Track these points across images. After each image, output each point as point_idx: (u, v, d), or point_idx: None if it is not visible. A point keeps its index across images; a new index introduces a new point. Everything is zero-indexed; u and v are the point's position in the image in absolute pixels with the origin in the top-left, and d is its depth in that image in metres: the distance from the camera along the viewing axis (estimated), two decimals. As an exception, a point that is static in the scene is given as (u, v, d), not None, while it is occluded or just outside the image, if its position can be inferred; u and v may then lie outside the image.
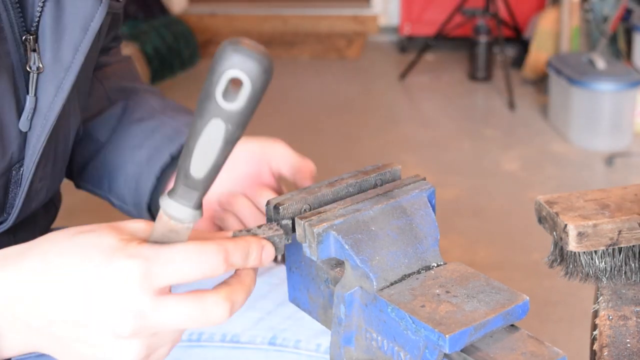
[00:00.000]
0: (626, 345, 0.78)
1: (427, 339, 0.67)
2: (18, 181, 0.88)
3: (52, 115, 0.86)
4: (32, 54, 0.84)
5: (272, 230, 0.73)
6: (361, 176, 0.81)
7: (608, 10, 4.02)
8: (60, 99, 0.86)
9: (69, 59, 0.85)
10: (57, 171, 0.96)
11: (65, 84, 0.86)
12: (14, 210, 0.90)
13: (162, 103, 1.09)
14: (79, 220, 1.16)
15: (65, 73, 0.85)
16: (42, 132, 0.86)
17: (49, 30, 0.84)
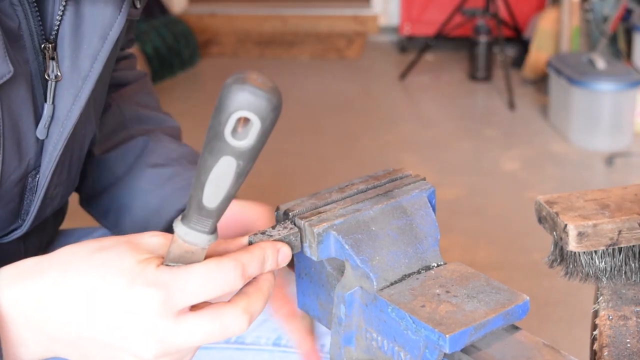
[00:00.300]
0: (626, 345, 0.78)
1: (427, 339, 0.67)
2: (34, 188, 0.89)
3: (70, 123, 0.86)
4: (50, 62, 0.84)
5: (287, 229, 0.73)
6: (372, 181, 0.81)
7: (608, 10, 4.02)
8: (78, 107, 0.86)
9: (87, 68, 0.86)
10: (72, 178, 0.97)
11: (83, 93, 0.86)
12: (29, 217, 0.91)
13: (179, 150, 1.10)
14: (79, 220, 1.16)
15: (83, 82, 0.86)
16: (59, 140, 0.87)
17: (67, 39, 0.85)
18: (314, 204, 0.77)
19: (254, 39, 5.27)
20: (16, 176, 0.86)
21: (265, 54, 5.00)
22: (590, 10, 4.06)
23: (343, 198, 0.78)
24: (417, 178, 0.81)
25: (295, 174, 3.38)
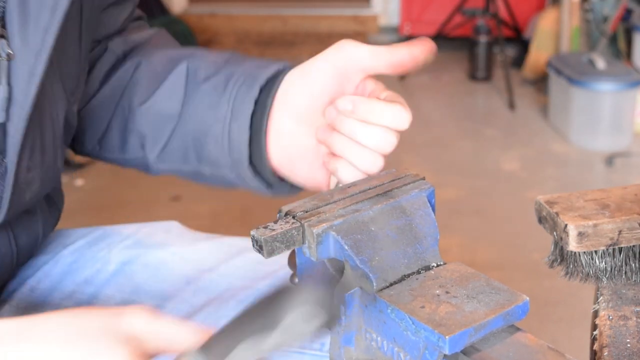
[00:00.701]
0: (626, 345, 0.78)
1: (427, 340, 0.67)
2: (3, 173, 0.86)
3: (28, 102, 0.84)
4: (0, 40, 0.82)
5: (288, 224, 0.73)
6: (374, 182, 0.81)
7: (608, 10, 4.02)
8: (34, 85, 0.83)
9: (38, 43, 0.83)
10: (50, 160, 0.94)
11: (37, 70, 0.83)
12: (3, 204, 0.88)
13: (222, 56, 1.02)
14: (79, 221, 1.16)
15: (36, 58, 0.83)
16: (20, 120, 0.84)
17: (16, 15, 0.82)
18: (315, 205, 0.77)
19: (254, 39, 5.26)
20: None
21: (265, 54, 5.00)
22: (590, 10, 4.05)
23: (344, 199, 0.78)
24: (416, 178, 0.81)
25: (295, 174, 3.38)
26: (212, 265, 1.10)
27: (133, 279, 1.08)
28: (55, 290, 1.07)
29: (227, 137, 0.95)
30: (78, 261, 1.10)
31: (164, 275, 1.09)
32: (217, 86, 0.97)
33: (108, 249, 1.11)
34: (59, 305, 1.06)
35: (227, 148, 0.96)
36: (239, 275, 1.08)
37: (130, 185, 3.31)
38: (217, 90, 0.97)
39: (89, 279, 1.08)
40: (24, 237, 1.00)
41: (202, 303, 1.06)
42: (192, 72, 1.01)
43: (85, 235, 1.15)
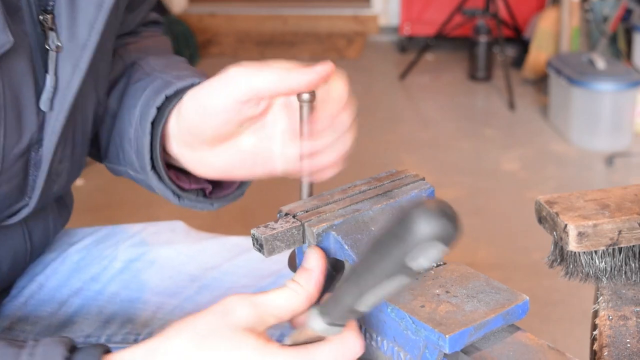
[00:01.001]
0: (626, 345, 0.78)
1: (427, 339, 0.67)
2: (38, 163, 0.88)
3: (71, 93, 0.86)
4: (50, 33, 0.85)
5: (289, 223, 0.74)
6: (374, 183, 0.81)
7: (608, 10, 4.02)
8: (78, 77, 0.86)
9: (85, 37, 0.86)
10: (77, 155, 0.96)
11: (82, 63, 0.86)
12: (35, 193, 0.90)
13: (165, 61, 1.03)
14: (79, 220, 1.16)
15: (81, 51, 0.86)
16: (61, 111, 0.87)
17: (64, 9, 0.85)
18: (315, 205, 0.77)
19: (254, 39, 5.26)
20: (18, 150, 0.85)
21: (265, 54, 4.99)
22: (590, 10, 4.05)
23: (344, 199, 0.78)
24: (416, 178, 0.81)
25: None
26: (216, 263, 1.11)
27: (139, 276, 1.09)
28: (63, 286, 1.09)
29: (135, 142, 0.97)
30: (85, 259, 1.11)
31: (169, 273, 1.10)
32: (139, 89, 0.99)
33: (114, 247, 1.12)
34: (67, 301, 1.07)
35: (136, 151, 0.97)
36: (243, 273, 1.09)
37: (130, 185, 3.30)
38: (138, 93, 0.98)
39: (96, 276, 1.10)
40: (38, 234, 1.01)
41: (206, 301, 1.06)
42: (133, 73, 1.03)
43: (91, 233, 1.16)
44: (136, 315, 1.07)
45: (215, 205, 0.99)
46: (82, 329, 1.06)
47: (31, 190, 0.90)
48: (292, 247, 0.75)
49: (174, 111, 0.91)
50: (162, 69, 0.99)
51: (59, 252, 1.12)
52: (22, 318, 1.06)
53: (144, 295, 1.08)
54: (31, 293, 1.08)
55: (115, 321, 1.07)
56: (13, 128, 0.83)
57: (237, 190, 1.00)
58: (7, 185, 0.86)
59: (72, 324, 1.06)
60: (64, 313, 1.07)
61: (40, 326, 1.05)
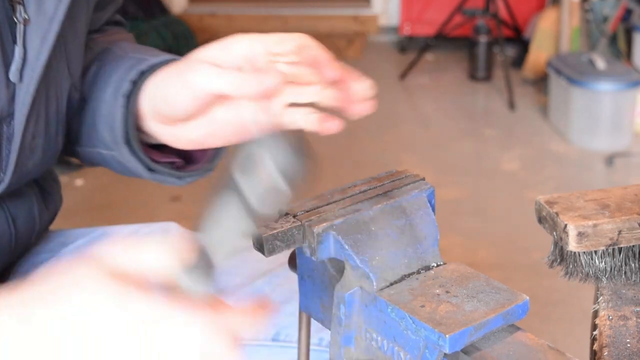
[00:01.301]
0: (626, 345, 0.78)
1: (427, 339, 0.67)
2: (10, 136, 0.89)
3: (39, 65, 0.88)
4: (17, 6, 0.86)
5: (289, 222, 0.74)
6: (374, 183, 0.81)
7: (608, 10, 4.02)
8: (46, 49, 0.88)
9: (52, 10, 0.87)
10: (52, 132, 0.96)
11: (50, 35, 0.87)
12: (9, 168, 0.91)
13: (137, 47, 1.04)
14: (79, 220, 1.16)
15: (49, 24, 0.87)
16: (30, 83, 0.88)
17: None
18: (315, 205, 0.77)
19: (254, 39, 5.25)
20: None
21: (265, 54, 4.99)
22: (590, 10, 4.05)
23: (344, 199, 0.78)
24: (416, 178, 0.81)
25: (295, 174, 3.37)
26: None
27: None
28: None
29: (109, 118, 0.97)
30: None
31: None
32: (113, 68, 0.99)
33: None
34: None
35: (109, 128, 0.97)
36: (238, 273, 1.09)
37: (130, 185, 3.31)
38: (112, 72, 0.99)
39: None
40: (21, 218, 1.01)
41: None
42: (106, 56, 1.03)
43: (84, 234, 1.16)
44: None
45: (183, 180, 1.00)
46: None
47: (5, 165, 0.90)
48: (292, 247, 0.75)
49: (148, 86, 0.92)
50: (135, 51, 1.01)
51: (51, 253, 1.11)
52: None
53: None
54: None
55: None
56: None
57: (208, 163, 1.00)
58: None
59: None
60: None
61: None
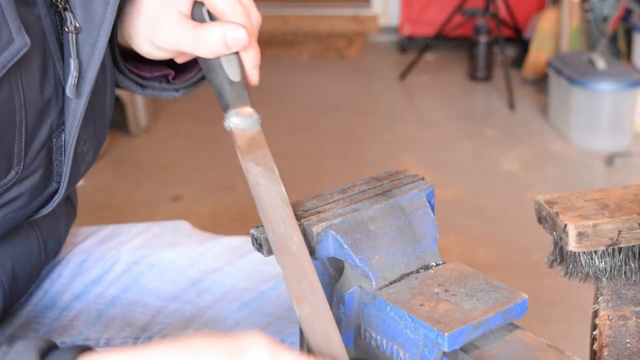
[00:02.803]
0: (626, 345, 0.78)
1: (426, 338, 0.67)
2: (61, 148, 0.85)
3: (92, 75, 0.82)
4: (66, 14, 0.80)
5: None
6: (374, 183, 0.81)
7: (608, 10, 4.02)
8: (98, 57, 0.82)
9: (101, 13, 0.81)
10: (100, 130, 0.93)
11: (100, 41, 0.81)
12: (64, 179, 0.86)
13: None
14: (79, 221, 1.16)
15: (99, 30, 0.81)
16: (83, 94, 0.83)
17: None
18: (314, 205, 0.77)
19: (254, 39, 5.26)
20: (39, 142, 0.82)
21: (265, 54, 4.99)
22: (590, 10, 4.05)
23: (344, 198, 0.78)
24: (416, 178, 0.81)
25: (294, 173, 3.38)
26: (217, 266, 1.10)
27: (139, 279, 1.09)
28: (65, 291, 1.08)
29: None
30: (87, 260, 1.10)
31: (170, 276, 1.09)
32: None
33: (117, 249, 1.11)
34: (68, 306, 1.07)
35: None
36: (243, 276, 1.09)
37: (130, 185, 3.31)
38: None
39: (97, 279, 1.09)
40: (51, 241, 1.00)
41: (206, 304, 1.06)
42: None
43: (94, 233, 1.15)
44: (136, 319, 1.07)
45: (180, 92, 0.98)
46: (81, 332, 1.05)
47: (59, 176, 0.87)
48: None
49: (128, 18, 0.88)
50: None
51: (64, 253, 1.11)
52: (25, 325, 1.05)
53: (144, 299, 1.08)
54: (37, 300, 1.07)
55: (114, 324, 1.06)
56: (33, 125, 0.80)
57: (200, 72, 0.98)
58: (33, 178, 0.83)
59: (71, 328, 1.06)
60: (65, 317, 1.06)
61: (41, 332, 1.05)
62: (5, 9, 0.73)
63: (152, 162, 3.52)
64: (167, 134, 3.77)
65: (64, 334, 1.05)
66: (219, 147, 3.52)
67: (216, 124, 1.09)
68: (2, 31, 0.73)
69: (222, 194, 3.20)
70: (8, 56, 0.74)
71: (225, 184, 3.25)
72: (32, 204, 0.86)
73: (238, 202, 3.11)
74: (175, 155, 3.58)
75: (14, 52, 0.74)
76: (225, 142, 3.58)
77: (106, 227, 1.17)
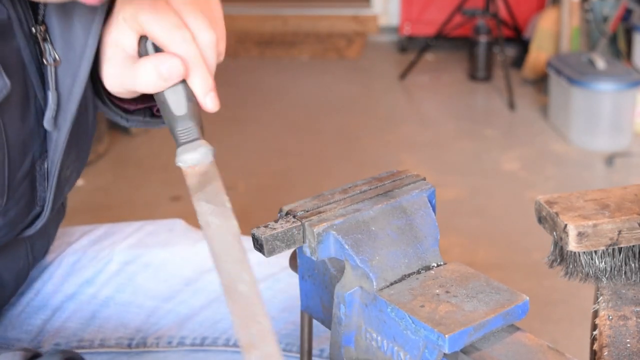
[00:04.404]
0: (626, 345, 0.78)
1: (426, 339, 0.67)
2: (44, 175, 0.84)
3: (73, 107, 0.80)
4: (45, 45, 0.78)
5: (289, 222, 0.74)
6: (375, 183, 0.81)
7: (608, 10, 4.02)
8: (79, 88, 0.79)
9: (81, 44, 0.78)
10: (83, 154, 0.92)
11: (82, 72, 0.79)
12: (47, 204, 0.86)
13: None
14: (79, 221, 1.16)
15: (79, 60, 0.79)
16: (64, 126, 0.81)
17: (56, 18, 0.78)
18: (316, 205, 0.77)
19: (254, 39, 5.26)
20: (22, 173, 0.81)
21: (265, 54, 4.99)
22: (590, 10, 4.05)
23: (344, 199, 0.78)
24: (417, 178, 0.81)
25: (295, 173, 3.38)
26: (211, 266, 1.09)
27: (133, 279, 1.08)
28: (58, 292, 1.07)
29: None
30: (80, 260, 1.10)
31: (164, 276, 1.09)
32: None
33: (110, 248, 1.11)
34: (60, 307, 1.06)
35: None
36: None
37: (130, 185, 3.31)
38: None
39: (90, 279, 1.08)
40: (39, 245, 1.00)
41: (201, 304, 1.06)
42: None
43: (88, 232, 1.14)
44: (130, 320, 1.06)
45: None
46: (75, 334, 1.05)
47: (42, 201, 0.86)
48: (292, 247, 0.75)
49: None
50: None
51: (56, 253, 1.10)
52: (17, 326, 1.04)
53: (138, 299, 1.07)
54: (28, 301, 1.06)
55: (108, 325, 1.05)
56: (16, 158, 0.79)
57: None
58: (16, 207, 0.83)
59: (65, 330, 1.05)
60: (58, 318, 1.06)
61: (33, 334, 1.04)
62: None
63: (152, 162, 3.52)
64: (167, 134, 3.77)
65: (58, 336, 1.04)
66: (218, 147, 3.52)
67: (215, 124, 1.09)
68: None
69: (222, 194, 3.20)
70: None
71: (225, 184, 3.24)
72: (16, 229, 0.86)
73: (238, 202, 3.11)
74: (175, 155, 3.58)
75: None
76: (224, 143, 3.58)
77: (100, 226, 1.16)
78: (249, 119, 3.92)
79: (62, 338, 1.04)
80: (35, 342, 1.03)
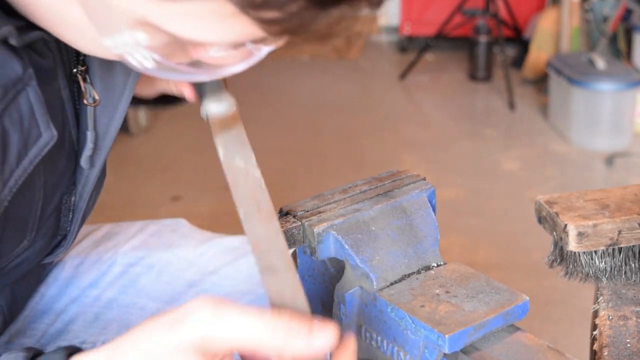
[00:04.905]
0: (626, 345, 0.78)
1: (426, 339, 0.67)
2: (69, 207, 0.84)
3: (107, 146, 0.81)
4: (86, 85, 0.78)
5: (289, 223, 0.74)
6: (375, 183, 0.81)
7: (608, 10, 4.02)
8: (114, 129, 0.80)
9: (121, 85, 0.79)
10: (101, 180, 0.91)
11: (119, 113, 0.80)
12: (71, 235, 0.86)
13: None
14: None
15: (118, 101, 0.79)
16: (98, 164, 0.81)
17: (96, 58, 0.77)
18: (315, 205, 0.77)
19: (254, 39, 5.26)
20: (52, 207, 0.81)
21: (265, 54, 4.99)
22: (590, 10, 4.05)
23: (344, 199, 0.78)
24: (417, 178, 0.81)
25: (295, 173, 3.38)
26: (215, 267, 1.09)
27: (137, 282, 1.08)
28: (62, 295, 1.07)
29: None
30: (84, 263, 1.10)
31: (168, 278, 1.09)
32: None
33: (114, 250, 1.11)
34: (64, 310, 1.06)
35: None
36: (242, 278, 1.08)
37: (130, 185, 3.31)
38: None
39: (94, 282, 1.08)
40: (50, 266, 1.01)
41: None
42: None
43: (91, 232, 1.14)
44: (133, 322, 1.06)
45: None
46: (77, 336, 1.04)
47: (64, 231, 0.86)
48: (292, 247, 0.75)
49: None
50: None
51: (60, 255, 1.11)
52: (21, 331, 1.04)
53: (141, 301, 1.07)
54: (33, 304, 1.06)
55: (111, 327, 1.05)
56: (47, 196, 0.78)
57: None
58: (42, 240, 0.83)
59: (67, 332, 1.05)
60: (61, 321, 1.06)
61: (36, 337, 1.04)
62: (34, 105, 0.70)
63: (152, 162, 3.52)
64: (167, 134, 3.77)
65: (60, 338, 1.04)
66: (219, 147, 3.52)
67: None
68: (31, 128, 0.71)
69: (222, 194, 3.19)
70: (36, 152, 0.72)
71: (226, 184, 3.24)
72: (38, 258, 0.87)
73: (238, 202, 3.11)
74: (175, 155, 3.58)
75: (41, 147, 0.72)
76: (225, 142, 3.57)
77: (103, 226, 1.16)
78: (248, 119, 3.90)
79: (65, 341, 1.04)
80: (37, 345, 1.03)
